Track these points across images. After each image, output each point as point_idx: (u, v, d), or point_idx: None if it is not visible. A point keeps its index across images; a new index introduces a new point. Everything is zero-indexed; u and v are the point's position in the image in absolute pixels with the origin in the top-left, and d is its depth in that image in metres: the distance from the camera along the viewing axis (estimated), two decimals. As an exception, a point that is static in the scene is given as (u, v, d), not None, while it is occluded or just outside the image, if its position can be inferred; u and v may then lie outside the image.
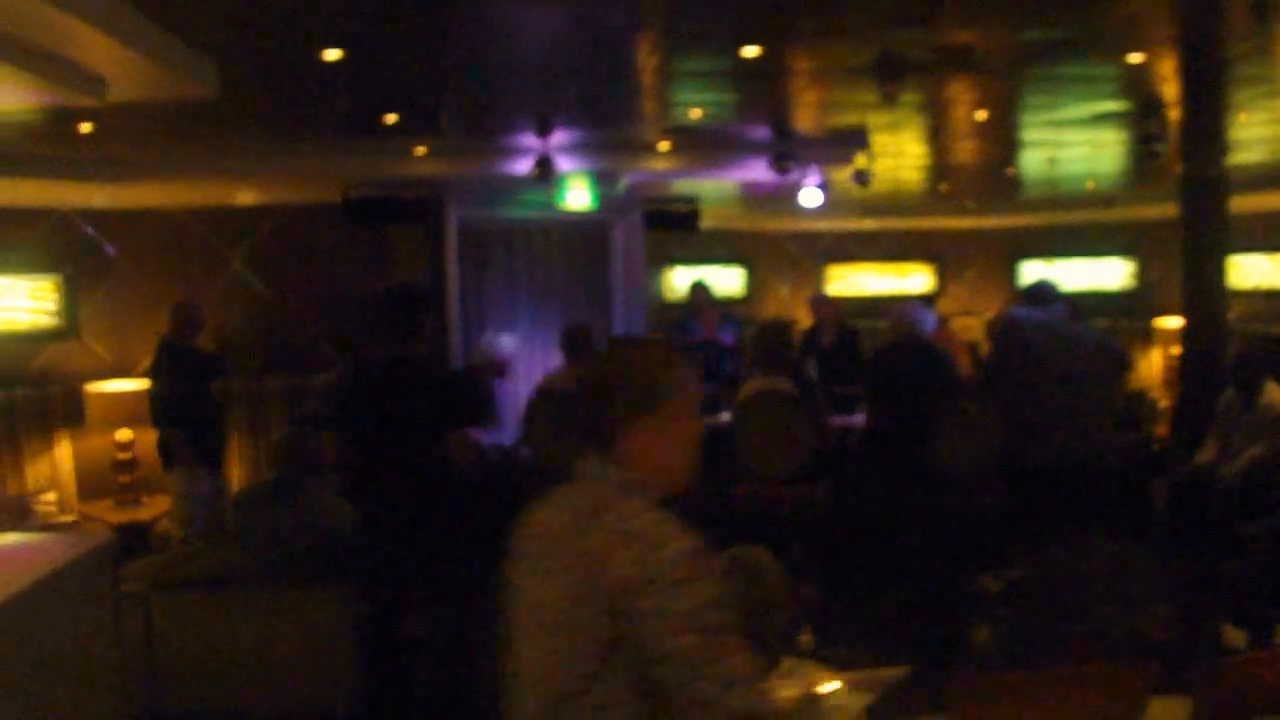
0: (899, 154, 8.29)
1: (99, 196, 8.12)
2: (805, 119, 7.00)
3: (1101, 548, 4.92)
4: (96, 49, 3.52)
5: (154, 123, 5.69)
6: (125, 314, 8.61)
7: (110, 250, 8.55)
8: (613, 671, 1.98)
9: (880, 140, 7.54)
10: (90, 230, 8.45)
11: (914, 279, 13.34)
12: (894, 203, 11.74)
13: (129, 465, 8.02)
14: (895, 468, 6.53)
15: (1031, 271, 12.46)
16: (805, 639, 5.35)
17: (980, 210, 12.68)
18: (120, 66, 3.73)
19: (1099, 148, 8.18)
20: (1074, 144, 7.91)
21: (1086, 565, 4.84)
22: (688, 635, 1.90)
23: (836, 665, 3.81)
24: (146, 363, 7.98)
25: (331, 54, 4.35)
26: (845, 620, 5.70)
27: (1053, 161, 8.78)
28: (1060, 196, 11.66)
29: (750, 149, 7.70)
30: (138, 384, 8.07)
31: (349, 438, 5.36)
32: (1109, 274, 13.03)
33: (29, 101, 3.99)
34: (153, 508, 7.86)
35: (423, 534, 5.16)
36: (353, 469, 5.36)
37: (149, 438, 7.62)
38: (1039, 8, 4.35)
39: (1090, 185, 10.61)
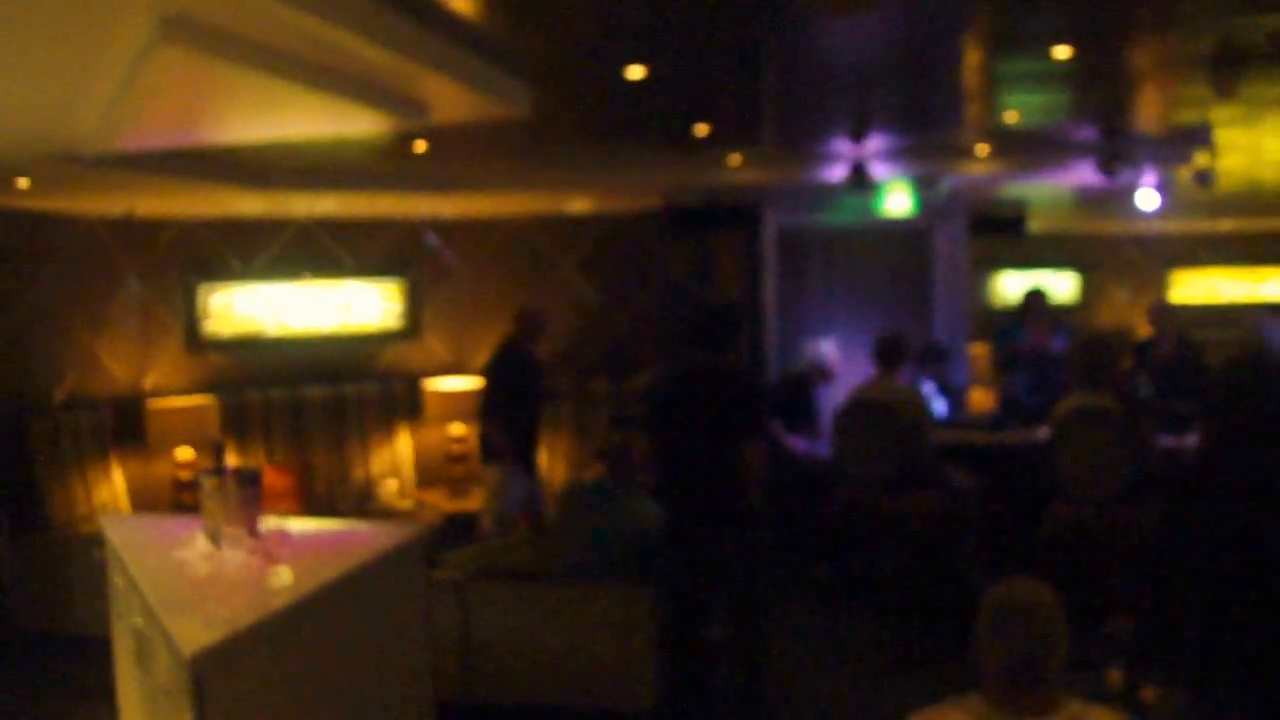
0: (1253, 149, 7.60)
1: (442, 207, 8.73)
2: (1139, 116, 6.56)
3: None
4: (421, 80, 3.80)
5: (483, 139, 6.04)
6: (462, 316, 9.21)
7: (450, 256, 9.17)
8: None
9: (1229, 135, 6.94)
10: (432, 238, 9.09)
11: (1273, 285, 12.23)
12: (1249, 202, 10.78)
13: (461, 457, 8.60)
14: (1233, 496, 5.98)
15: None
16: (1115, 677, 5.03)
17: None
18: (441, 93, 4.00)
19: None
20: None
21: None
22: None
23: (1142, 710, 3.54)
24: (481, 361, 8.48)
25: (636, 72, 4.47)
26: (1163, 660, 5.30)
27: None
28: None
29: (1077, 150, 7.29)
30: (472, 382, 8.61)
31: (655, 441, 5.50)
32: None
33: (365, 128, 4.36)
34: (480, 498, 8.34)
35: (724, 539, 5.23)
36: (659, 472, 5.49)
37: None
38: None
39: None
